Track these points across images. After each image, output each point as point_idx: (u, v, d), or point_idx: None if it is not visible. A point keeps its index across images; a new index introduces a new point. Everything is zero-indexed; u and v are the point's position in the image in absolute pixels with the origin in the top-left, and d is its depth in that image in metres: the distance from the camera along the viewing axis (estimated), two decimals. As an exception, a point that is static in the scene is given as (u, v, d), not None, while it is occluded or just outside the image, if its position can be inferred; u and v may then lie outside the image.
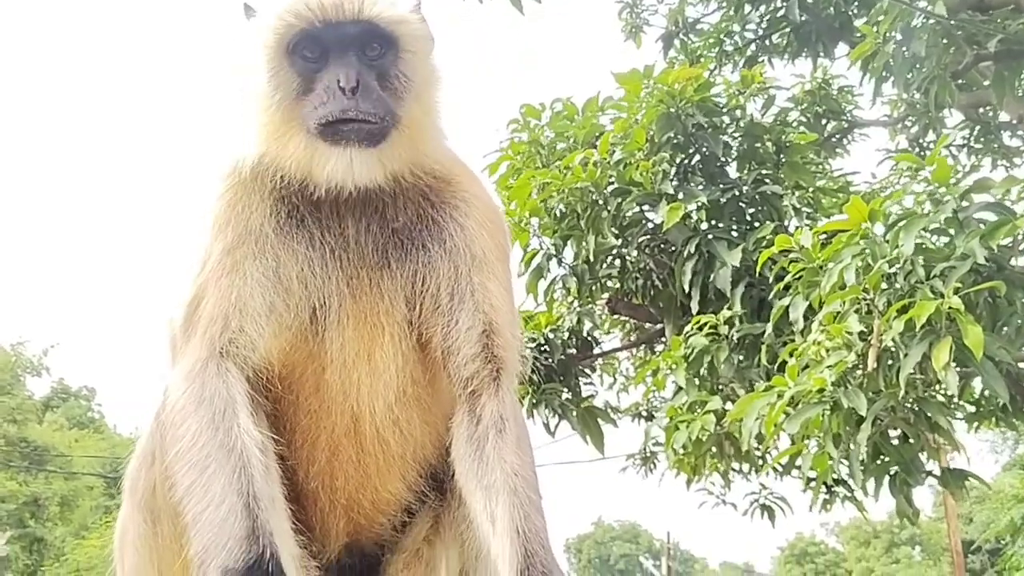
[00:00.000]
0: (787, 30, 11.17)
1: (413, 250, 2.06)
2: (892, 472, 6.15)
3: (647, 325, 10.00)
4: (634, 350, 10.53)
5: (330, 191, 1.96)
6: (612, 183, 8.15)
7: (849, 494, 7.33)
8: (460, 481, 2.03)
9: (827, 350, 5.80)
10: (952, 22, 8.77)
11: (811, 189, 8.76)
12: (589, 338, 9.71)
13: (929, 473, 6.29)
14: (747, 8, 11.30)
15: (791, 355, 6.16)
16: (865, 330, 5.66)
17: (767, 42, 11.51)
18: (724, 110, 8.58)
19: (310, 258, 2.00)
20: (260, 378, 1.98)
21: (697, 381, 7.50)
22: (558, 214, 8.44)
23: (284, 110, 1.94)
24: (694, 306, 7.80)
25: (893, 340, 5.42)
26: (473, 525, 2.00)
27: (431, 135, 2.09)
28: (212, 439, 1.82)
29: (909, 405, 5.76)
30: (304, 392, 2.04)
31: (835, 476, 6.81)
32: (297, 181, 1.99)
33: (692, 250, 7.71)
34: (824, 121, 10.53)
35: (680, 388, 7.66)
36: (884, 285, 5.59)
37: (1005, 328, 5.66)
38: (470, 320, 2.04)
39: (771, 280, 6.91)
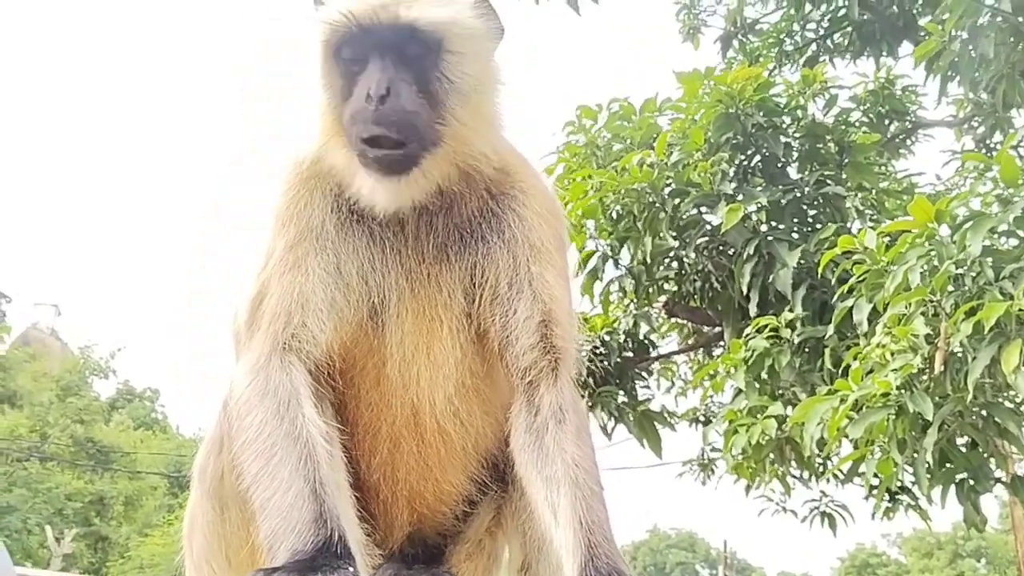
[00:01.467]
0: (849, 29, 11.00)
1: (472, 242, 2.06)
2: (959, 479, 6.00)
3: (705, 328, 9.92)
4: (692, 354, 10.44)
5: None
6: (670, 184, 8.10)
7: (913, 502, 7.18)
8: (520, 472, 2.02)
9: (892, 353, 5.69)
10: (1020, 19, 8.55)
11: (874, 190, 8.61)
12: (646, 341, 9.66)
13: (998, 480, 6.12)
14: (808, 7, 11.15)
15: (855, 358, 6.05)
16: (931, 332, 5.53)
17: (828, 42, 11.34)
18: (784, 110, 8.48)
19: (370, 253, 2.01)
20: (322, 372, 2.00)
21: (757, 385, 7.40)
22: (614, 215, 8.41)
23: (331, 112, 1.95)
24: (752, 308, 7.71)
25: (961, 343, 5.29)
26: (534, 516, 2.00)
27: (483, 137, 2.02)
28: (277, 429, 1.84)
29: (977, 410, 5.62)
30: (365, 386, 2.06)
31: (899, 484, 6.67)
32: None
33: (751, 251, 7.62)
34: (888, 121, 10.32)
35: (740, 391, 7.57)
36: (951, 287, 5.46)
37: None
38: (528, 310, 2.03)
39: (834, 282, 6.80)
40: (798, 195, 8.09)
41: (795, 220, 8.14)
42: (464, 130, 1.96)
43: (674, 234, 8.18)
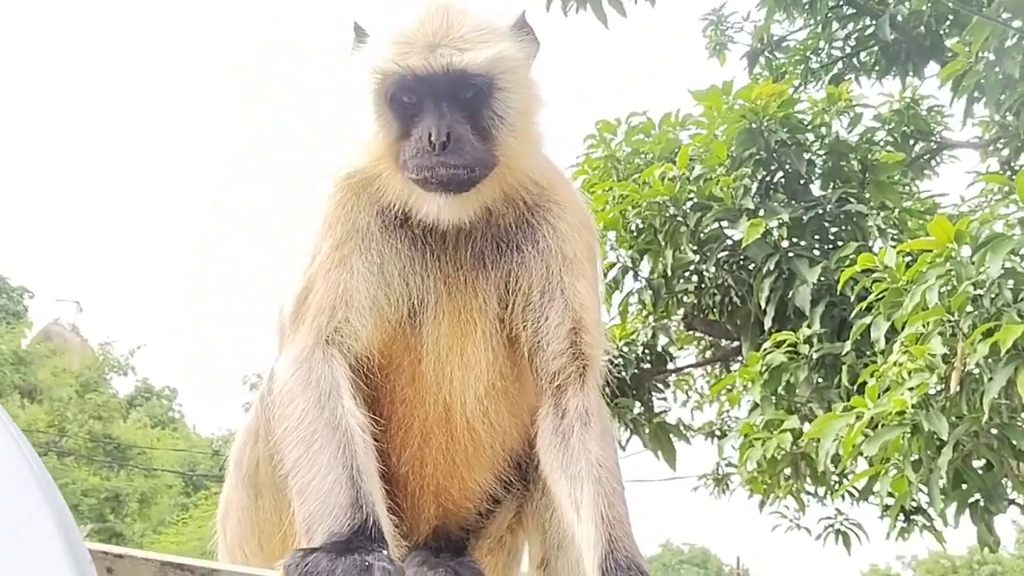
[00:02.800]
0: (875, 48, 11.01)
1: (508, 251, 2.16)
2: (972, 500, 6.01)
3: (723, 342, 9.94)
4: (709, 367, 10.47)
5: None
6: (691, 198, 8.15)
7: (928, 523, 7.17)
8: (545, 471, 2.11)
9: (909, 372, 5.72)
10: (1048, 42, 8.55)
11: (897, 210, 8.62)
12: (663, 353, 9.69)
13: (1011, 501, 6.13)
14: (835, 26, 11.18)
15: (871, 376, 6.07)
16: (948, 352, 5.56)
17: (854, 60, 11.36)
18: (808, 127, 8.51)
19: (412, 257, 2.12)
20: (361, 367, 2.10)
21: (774, 399, 7.43)
22: (635, 228, 8.47)
23: (386, 148, 2.07)
24: (767, 323, 7.75)
25: (977, 363, 5.31)
26: (557, 513, 2.08)
27: (530, 159, 2.16)
28: (318, 418, 1.94)
29: (993, 431, 5.64)
30: (400, 382, 2.16)
31: (914, 504, 6.67)
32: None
33: (771, 267, 7.66)
34: (912, 141, 10.30)
35: (756, 405, 7.60)
36: (969, 307, 5.49)
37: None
38: (559, 317, 2.12)
39: (852, 300, 6.83)
40: (820, 212, 8.11)
41: (816, 237, 8.16)
42: (514, 156, 2.09)
43: (694, 248, 8.24)
